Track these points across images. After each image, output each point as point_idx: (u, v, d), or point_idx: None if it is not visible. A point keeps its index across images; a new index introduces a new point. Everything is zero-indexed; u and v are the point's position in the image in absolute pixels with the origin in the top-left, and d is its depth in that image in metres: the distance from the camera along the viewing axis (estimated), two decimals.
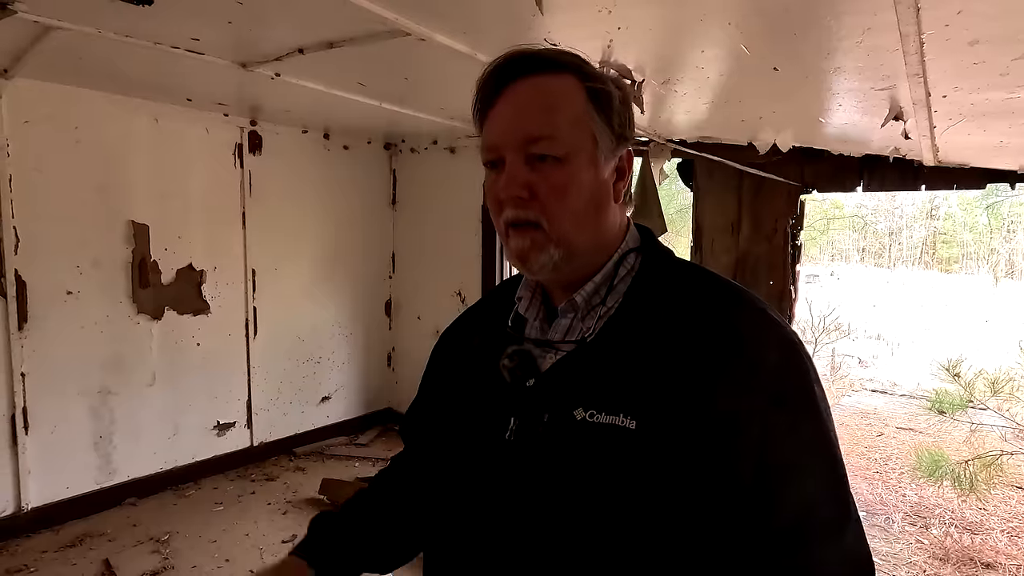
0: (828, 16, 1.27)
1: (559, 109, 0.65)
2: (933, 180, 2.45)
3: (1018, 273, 19.00)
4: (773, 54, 1.52)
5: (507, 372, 0.69)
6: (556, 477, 0.64)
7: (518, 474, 0.66)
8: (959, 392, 3.17)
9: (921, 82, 1.46)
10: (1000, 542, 2.94)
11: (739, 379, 0.61)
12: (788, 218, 2.79)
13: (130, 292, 3.07)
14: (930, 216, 22.21)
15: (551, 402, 0.66)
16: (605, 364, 0.65)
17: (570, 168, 0.65)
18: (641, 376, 0.63)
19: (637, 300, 0.68)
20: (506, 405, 0.68)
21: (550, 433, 0.65)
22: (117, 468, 3.08)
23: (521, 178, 0.65)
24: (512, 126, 0.66)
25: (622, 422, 0.61)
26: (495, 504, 0.67)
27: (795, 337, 0.66)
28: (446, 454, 0.75)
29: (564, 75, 0.66)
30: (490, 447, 0.68)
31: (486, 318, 0.79)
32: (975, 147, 2.13)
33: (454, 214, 4.01)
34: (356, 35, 1.76)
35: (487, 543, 0.68)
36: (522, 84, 0.66)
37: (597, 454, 0.62)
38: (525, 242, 0.66)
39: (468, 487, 0.71)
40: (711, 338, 0.62)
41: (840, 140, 2.44)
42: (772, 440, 0.60)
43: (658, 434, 0.60)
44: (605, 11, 1.34)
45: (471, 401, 0.73)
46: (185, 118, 3.17)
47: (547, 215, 0.65)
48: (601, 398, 0.63)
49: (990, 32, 1.18)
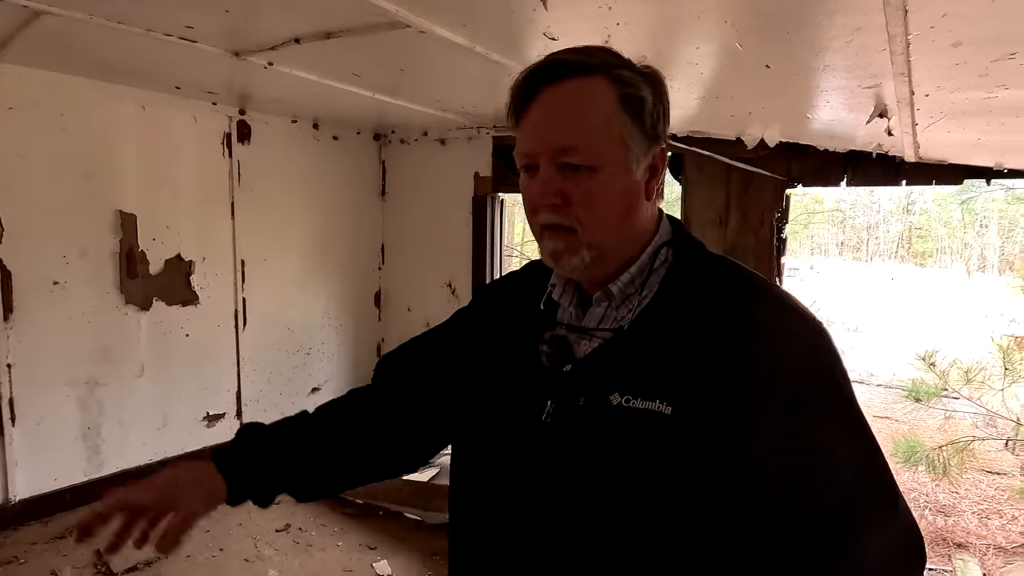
0: (821, 15, 1.32)
1: (589, 117, 0.66)
2: (913, 176, 2.53)
3: (990, 267, 19.55)
4: (766, 51, 1.56)
5: (545, 357, 0.72)
6: (592, 458, 0.66)
7: (554, 455, 0.68)
8: (934, 381, 3.29)
9: (906, 81, 1.51)
10: (971, 523, 3.07)
11: (766, 374, 0.64)
12: (774, 211, 2.86)
13: (118, 282, 3.04)
14: (906, 211, 22.70)
15: (587, 387, 0.68)
16: (640, 352, 0.68)
17: (601, 177, 0.67)
18: (676, 364, 0.65)
19: (671, 291, 0.70)
20: (543, 388, 0.71)
21: (586, 416, 0.67)
22: (106, 460, 3.05)
23: (554, 185, 0.67)
24: (544, 135, 0.67)
25: (658, 407, 0.64)
26: (530, 483, 0.69)
27: (823, 332, 0.68)
28: (476, 431, 0.77)
29: (596, 78, 0.67)
30: (526, 428, 0.70)
31: (515, 299, 0.81)
32: (954, 144, 2.21)
33: (444, 206, 4.01)
34: (355, 26, 1.77)
35: (521, 520, 0.70)
36: (554, 90, 0.67)
37: (633, 437, 0.65)
38: (559, 244, 0.69)
39: (503, 466, 0.73)
40: (742, 333, 0.66)
41: (826, 136, 2.50)
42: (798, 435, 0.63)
43: (692, 420, 0.63)
44: (606, 7, 1.37)
45: (505, 382, 0.75)
46: (173, 106, 3.13)
47: (580, 221, 0.67)
48: (637, 384, 0.66)
49: (972, 34, 1.24)
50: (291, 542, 2.67)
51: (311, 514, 2.91)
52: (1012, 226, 19.42)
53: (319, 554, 2.58)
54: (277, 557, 2.55)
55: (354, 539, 2.70)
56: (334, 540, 2.70)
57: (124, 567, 2.43)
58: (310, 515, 2.90)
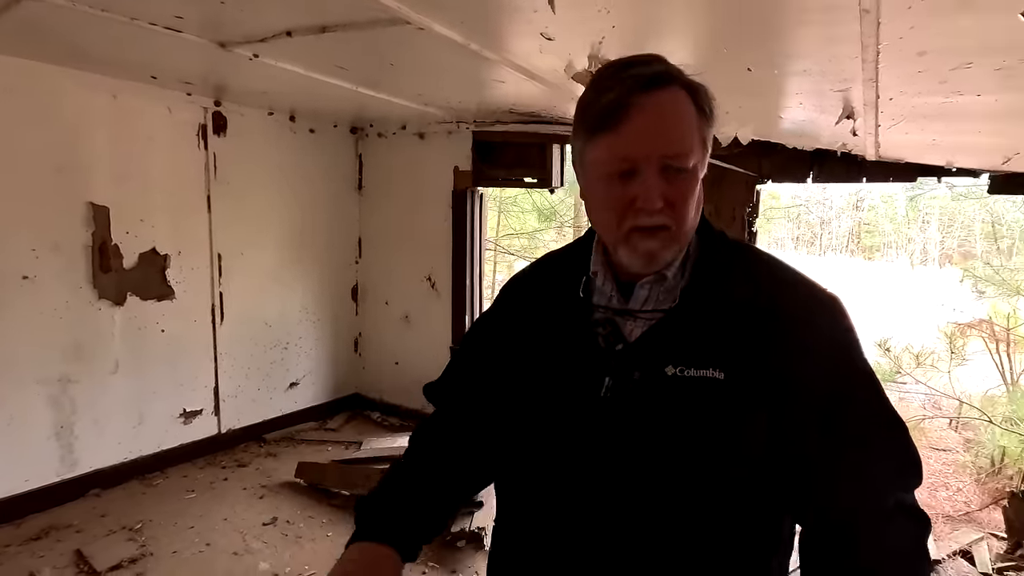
0: (802, 24, 1.42)
1: (687, 124, 0.72)
2: (873, 173, 2.71)
3: (931, 260, 20.66)
4: (749, 56, 1.67)
5: (602, 338, 0.78)
6: (652, 425, 0.73)
7: (616, 426, 0.75)
8: (889, 365, 3.52)
9: (873, 86, 1.65)
10: (923, 496, 3.32)
11: (803, 341, 0.73)
12: (746, 206, 3.01)
13: (90, 277, 2.96)
14: (856, 208, 23.73)
15: (642, 362, 0.75)
16: (689, 328, 0.75)
17: (694, 179, 0.73)
18: (723, 336, 0.73)
19: (706, 274, 0.78)
20: (599, 367, 0.77)
21: (643, 388, 0.74)
22: (79, 459, 2.98)
23: (659, 189, 0.70)
24: (652, 141, 0.70)
25: (712, 374, 0.72)
26: (596, 455, 0.76)
27: (839, 301, 0.78)
28: (533, 414, 0.82)
29: (679, 88, 0.72)
30: (587, 405, 0.76)
31: (550, 290, 0.86)
32: (911, 144, 2.38)
33: (423, 200, 4.03)
34: (354, 21, 1.79)
35: (588, 489, 0.76)
36: (650, 99, 0.70)
37: (690, 402, 0.72)
38: (656, 244, 0.73)
39: (567, 442, 0.78)
40: (776, 306, 0.75)
41: (795, 135, 2.65)
42: (851, 379, 0.74)
43: (744, 383, 0.71)
44: (604, 11, 1.44)
45: (559, 365, 0.80)
46: (146, 96, 3.05)
47: (675, 220, 0.73)
48: (689, 356, 0.73)
49: (936, 45, 1.37)
50: (280, 535, 2.67)
51: (298, 507, 2.91)
52: (951, 222, 20.53)
53: (310, 545, 2.60)
54: (267, 550, 2.55)
55: (344, 530, 2.71)
56: (323, 531, 2.71)
57: (107, 565, 2.39)
58: (297, 508, 2.90)
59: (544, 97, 2.74)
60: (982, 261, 7.92)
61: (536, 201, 6.99)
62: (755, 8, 1.38)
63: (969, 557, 2.57)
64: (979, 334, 4.25)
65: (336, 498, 2.98)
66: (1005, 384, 4.18)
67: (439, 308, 4.02)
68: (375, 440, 3.69)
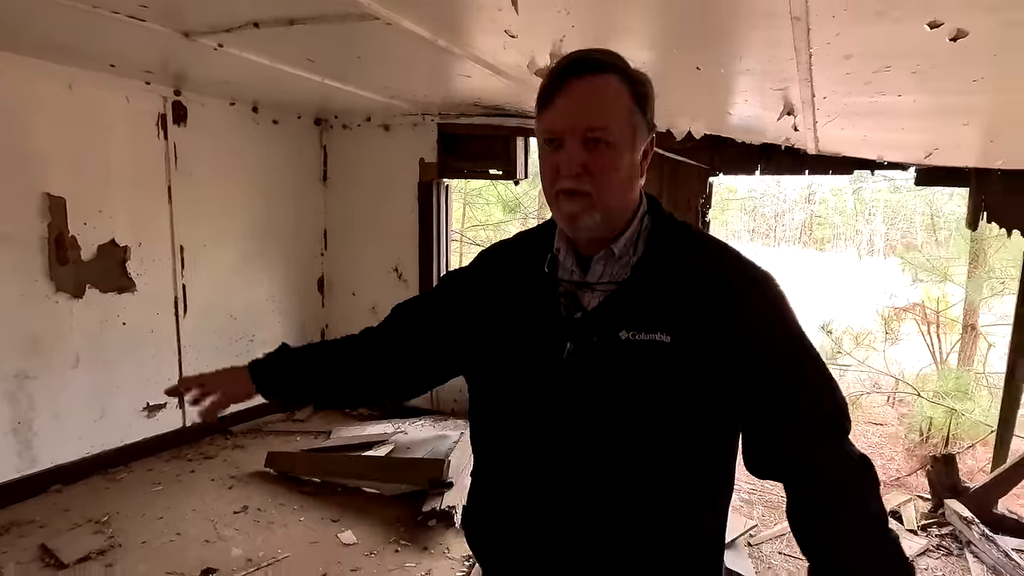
0: (743, 28, 1.56)
1: (612, 104, 0.82)
2: (814, 166, 2.91)
3: (877, 251, 21.71)
4: (698, 55, 1.80)
5: (563, 307, 0.88)
6: (608, 383, 0.84)
7: (577, 385, 0.85)
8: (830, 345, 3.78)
9: (808, 85, 1.80)
10: None
11: (742, 305, 0.84)
12: (699, 197, 3.18)
13: (47, 269, 2.89)
14: (808, 201, 24.66)
15: (599, 328, 0.85)
16: (639, 297, 0.85)
17: (616, 152, 0.82)
18: (669, 305, 0.84)
19: (656, 250, 0.88)
20: (560, 333, 0.87)
21: (600, 351, 0.84)
22: (39, 455, 2.92)
23: (579, 158, 0.81)
24: (575, 116, 0.81)
25: (660, 338, 0.82)
26: (558, 410, 0.86)
27: (771, 274, 0.90)
28: (499, 374, 0.92)
29: (614, 76, 0.83)
30: (550, 366, 0.86)
31: (519, 262, 0.96)
32: (846, 140, 2.58)
33: (389, 191, 4.06)
34: (322, 14, 1.83)
35: (551, 440, 0.86)
36: (582, 81, 0.81)
37: (641, 362, 0.82)
38: (576, 206, 0.83)
39: (532, 399, 0.88)
40: (716, 277, 0.85)
41: (743, 130, 2.83)
42: (774, 339, 0.84)
43: (689, 346, 0.82)
44: (564, 12, 1.54)
45: (525, 331, 0.90)
46: (103, 85, 2.99)
47: (595, 187, 0.82)
48: (640, 321, 0.83)
49: (860, 50, 1.52)
50: (251, 521, 2.70)
51: (268, 495, 2.94)
52: (895, 215, 21.59)
53: (281, 530, 2.64)
54: (239, 536, 2.58)
55: (315, 514, 2.76)
56: (295, 516, 2.75)
57: (75, 558, 2.38)
58: (267, 496, 2.93)
59: (509, 91, 2.83)
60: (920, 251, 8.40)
61: (501, 193, 7.08)
62: (701, 12, 1.50)
63: (898, 516, 2.82)
64: (913, 317, 4.60)
65: (307, 485, 3.02)
66: (935, 362, 4.54)
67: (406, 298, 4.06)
68: (344, 429, 3.73)
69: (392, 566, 2.41)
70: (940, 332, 4.59)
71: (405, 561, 2.44)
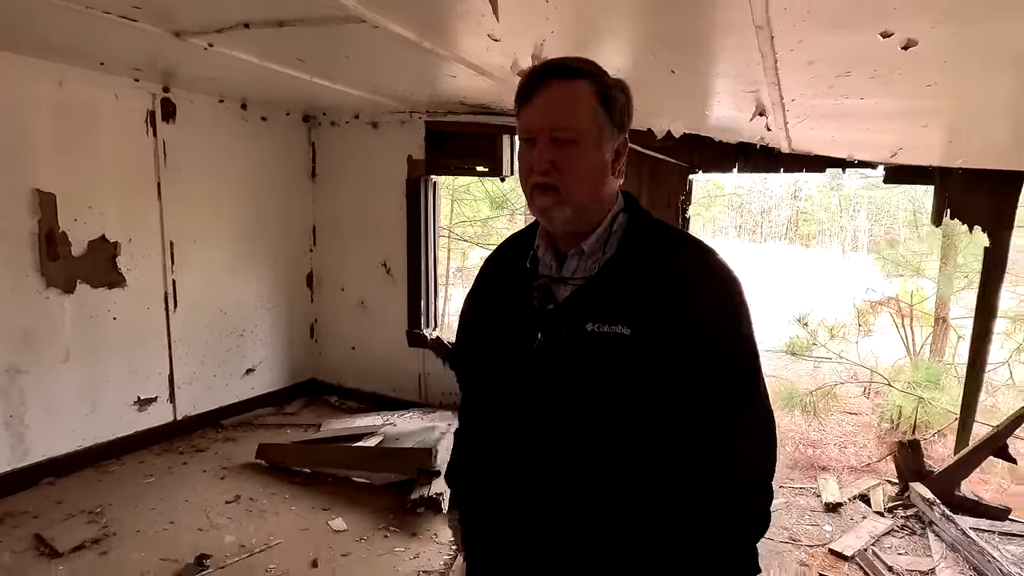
0: (715, 35, 1.65)
1: (577, 107, 0.90)
2: (788, 164, 3.02)
3: (861, 247, 22.05)
4: (672, 60, 1.89)
5: (536, 300, 0.96)
6: (574, 369, 0.92)
7: (546, 371, 0.93)
8: (806, 338, 3.91)
9: (777, 88, 1.90)
10: (833, 452, 3.74)
11: (698, 301, 0.90)
12: (680, 195, 3.28)
13: (38, 265, 2.93)
14: (794, 197, 24.95)
15: (567, 320, 0.93)
16: (605, 292, 0.92)
17: (580, 149, 0.90)
18: (630, 300, 0.90)
19: (627, 248, 0.95)
20: (533, 324, 0.95)
21: (568, 341, 0.92)
22: (31, 448, 2.96)
23: (548, 155, 0.90)
24: (544, 117, 0.90)
25: (620, 330, 0.89)
26: (529, 394, 0.95)
27: (733, 274, 0.95)
28: (485, 362, 1.02)
29: (583, 81, 0.91)
30: (523, 354, 0.95)
31: (508, 259, 1.06)
32: (816, 139, 2.69)
33: (377, 187, 4.11)
34: (311, 16, 1.89)
35: (523, 421, 0.96)
36: (553, 86, 0.90)
37: (603, 352, 0.90)
38: (547, 200, 0.92)
39: (508, 384, 0.97)
40: (678, 275, 0.91)
41: (720, 130, 2.92)
42: (717, 340, 0.90)
43: (645, 337, 0.89)
44: (545, 18, 1.62)
45: (505, 322, 0.99)
46: (93, 82, 3.02)
47: (562, 182, 0.90)
48: (604, 315, 0.90)
49: (822, 55, 1.61)
50: (243, 511, 2.76)
51: (260, 485, 3.01)
52: (879, 211, 21.91)
53: (273, 518, 2.70)
54: (232, 525, 2.64)
55: (307, 503, 2.84)
56: (287, 505, 2.82)
57: (70, 546, 2.43)
58: (259, 486, 3.00)
59: (493, 91, 2.90)
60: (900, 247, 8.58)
61: (488, 189, 7.15)
62: (673, 21, 1.59)
63: (867, 500, 2.95)
64: (887, 310, 4.75)
65: (297, 476, 3.09)
66: (908, 354, 4.69)
67: (395, 293, 4.14)
68: (334, 422, 3.80)
69: (382, 550, 2.49)
70: (914, 325, 4.75)
71: (394, 546, 2.53)
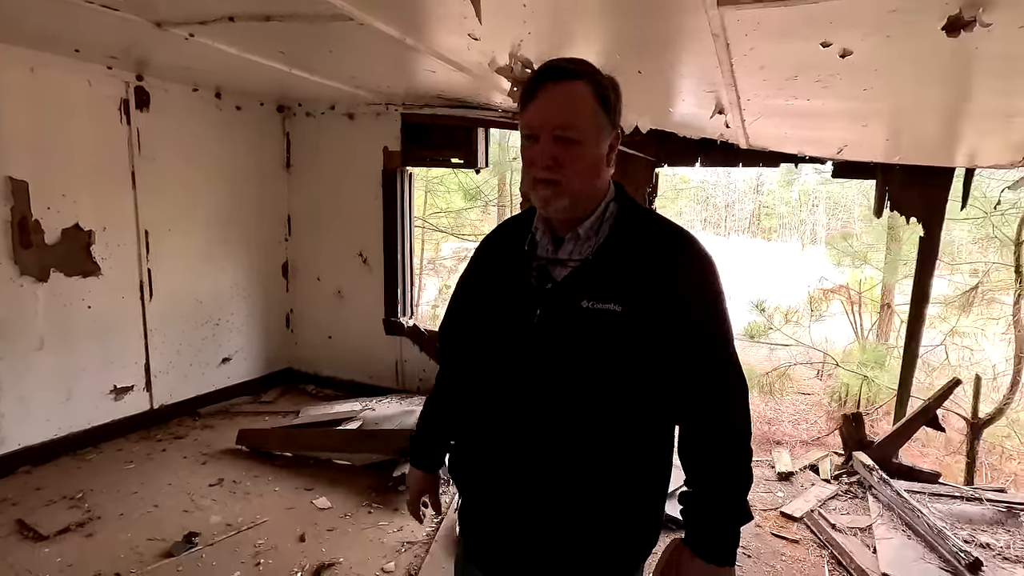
0: (678, 40, 1.80)
1: (579, 107, 0.99)
2: (746, 159, 3.23)
3: (819, 240, 22.86)
4: (638, 62, 2.04)
5: (535, 279, 1.06)
6: (570, 343, 1.01)
7: (544, 346, 1.03)
8: (763, 322, 4.17)
9: (734, 89, 2.07)
10: (787, 428, 4.02)
11: (681, 281, 1.02)
12: (647, 187, 3.46)
13: (10, 252, 2.91)
14: (756, 191, 25.67)
15: (565, 298, 1.03)
16: (599, 273, 1.03)
17: (581, 147, 1.00)
18: (623, 279, 1.01)
19: (618, 233, 1.06)
20: (532, 302, 1.05)
21: (565, 317, 1.02)
22: (7, 436, 2.96)
23: (550, 151, 0.99)
24: (548, 116, 0.99)
25: (613, 308, 0.99)
26: (528, 368, 1.04)
27: (711, 257, 1.07)
28: (482, 334, 1.11)
29: (582, 82, 0.99)
30: (523, 330, 1.04)
31: (506, 241, 1.16)
32: (771, 136, 2.89)
33: (353, 178, 4.16)
34: (297, 13, 1.97)
35: (521, 393, 1.04)
36: (555, 87, 0.99)
37: (597, 327, 1.00)
38: (548, 192, 1.01)
39: (508, 358, 1.06)
40: (664, 258, 1.03)
41: (683, 126, 3.11)
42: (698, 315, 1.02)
43: (635, 314, 0.99)
44: (522, 20, 1.75)
45: (505, 300, 1.08)
46: (65, 69, 3.00)
47: (564, 176, 1.00)
48: (597, 294, 1.01)
49: (771, 61, 1.79)
50: (228, 492, 2.83)
51: (242, 469, 3.07)
52: (836, 206, 22.73)
53: (258, 499, 2.78)
54: (216, 506, 2.71)
55: (290, 484, 2.92)
56: (270, 487, 2.89)
57: (54, 530, 2.46)
58: (241, 470, 3.06)
59: (471, 86, 3.01)
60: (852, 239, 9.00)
61: (462, 181, 7.24)
62: (640, 27, 1.74)
63: (816, 469, 3.21)
64: (838, 298, 5.07)
65: (279, 459, 3.16)
66: (857, 338, 5.03)
67: (372, 282, 4.21)
68: (313, 408, 3.86)
69: (366, 524, 2.60)
70: (862, 311, 5.08)
71: (378, 520, 2.64)
